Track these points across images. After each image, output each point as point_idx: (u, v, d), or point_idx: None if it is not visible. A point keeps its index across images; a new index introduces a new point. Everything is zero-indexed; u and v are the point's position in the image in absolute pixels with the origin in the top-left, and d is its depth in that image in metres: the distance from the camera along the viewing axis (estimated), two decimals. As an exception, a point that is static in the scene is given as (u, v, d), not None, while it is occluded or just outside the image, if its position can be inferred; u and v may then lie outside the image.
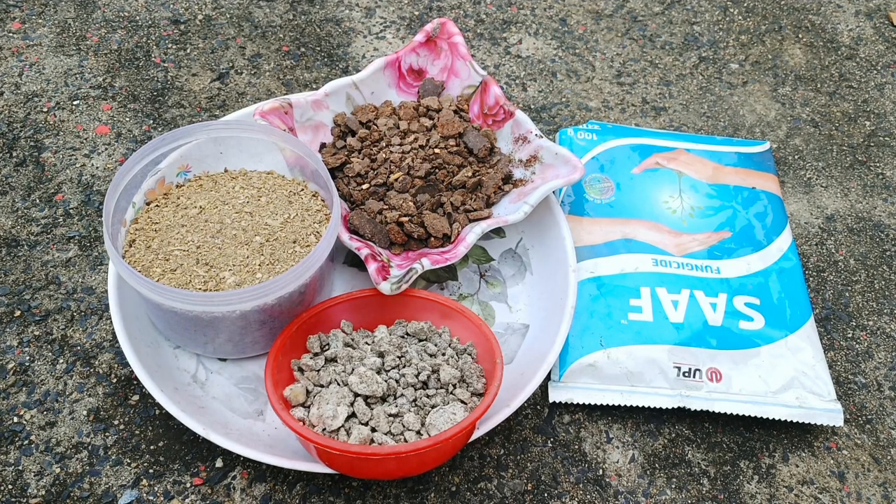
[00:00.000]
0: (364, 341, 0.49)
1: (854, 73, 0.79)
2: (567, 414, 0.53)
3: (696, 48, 0.80)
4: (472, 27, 0.79)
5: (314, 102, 0.58)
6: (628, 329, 0.54)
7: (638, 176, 0.63)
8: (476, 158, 0.58)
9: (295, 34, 0.76)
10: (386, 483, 0.49)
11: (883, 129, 0.74)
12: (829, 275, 0.63)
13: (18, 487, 0.47)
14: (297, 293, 0.48)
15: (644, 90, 0.75)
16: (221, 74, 0.71)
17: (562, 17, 0.81)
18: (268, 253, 0.50)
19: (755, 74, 0.78)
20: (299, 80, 0.72)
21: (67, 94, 0.68)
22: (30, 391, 0.51)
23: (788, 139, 0.72)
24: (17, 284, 0.56)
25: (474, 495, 0.49)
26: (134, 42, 0.73)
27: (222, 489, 0.48)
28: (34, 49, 0.71)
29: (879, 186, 0.69)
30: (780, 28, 0.83)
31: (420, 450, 0.41)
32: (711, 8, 0.84)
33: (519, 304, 0.57)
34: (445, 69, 0.62)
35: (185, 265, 0.49)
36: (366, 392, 0.44)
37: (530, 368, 0.50)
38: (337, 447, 0.41)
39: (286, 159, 0.55)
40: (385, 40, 0.76)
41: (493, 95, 0.60)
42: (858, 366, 0.57)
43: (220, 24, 0.76)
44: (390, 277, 0.49)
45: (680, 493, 0.50)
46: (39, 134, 0.65)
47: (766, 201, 0.63)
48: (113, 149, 0.65)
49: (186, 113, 0.68)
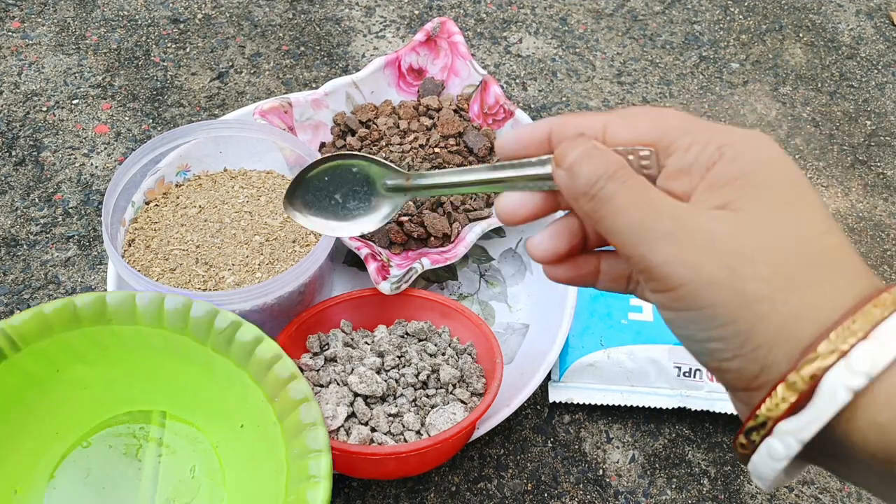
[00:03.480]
0: (364, 341, 0.49)
1: (855, 73, 0.79)
2: (567, 414, 0.53)
3: (697, 47, 0.79)
4: (473, 26, 0.79)
5: (314, 101, 0.58)
6: (628, 329, 0.53)
7: (638, 175, 0.63)
8: (476, 158, 0.58)
9: (295, 33, 0.76)
10: (386, 483, 0.48)
11: (883, 128, 0.74)
12: (829, 274, 0.62)
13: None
14: (297, 293, 0.48)
15: (644, 89, 0.75)
16: (221, 73, 0.71)
17: (562, 17, 0.81)
18: (267, 252, 0.50)
19: (756, 74, 0.78)
20: (299, 79, 0.72)
21: (67, 93, 0.68)
22: (29, 391, 0.51)
23: (789, 139, 0.72)
24: (16, 284, 0.56)
25: (474, 495, 0.48)
26: (133, 41, 0.73)
27: (222, 489, 0.48)
28: (33, 48, 0.71)
29: (880, 186, 0.69)
30: (780, 27, 0.83)
31: (420, 450, 0.41)
32: (712, 7, 0.84)
33: (519, 303, 0.57)
34: (445, 68, 0.62)
35: (185, 265, 0.49)
36: (365, 392, 0.44)
37: (530, 368, 0.50)
38: (336, 447, 0.41)
39: (286, 158, 0.55)
40: (385, 39, 0.76)
41: (493, 95, 0.60)
42: (859, 366, 0.57)
43: (220, 24, 0.76)
44: (390, 277, 0.49)
45: (680, 493, 0.50)
46: (39, 133, 0.65)
47: (767, 201, 0.63)
48: (112, 148, 0.65)
49: (186, 112, 0.68)
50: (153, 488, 0.43)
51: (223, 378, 0.43)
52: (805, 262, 0.23)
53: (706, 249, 0.24)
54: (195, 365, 0.43)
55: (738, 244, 0.24)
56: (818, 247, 0.24)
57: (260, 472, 0.41)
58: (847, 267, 0.23)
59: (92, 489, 0.43)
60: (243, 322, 0.42)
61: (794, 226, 0.24)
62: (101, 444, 0.44)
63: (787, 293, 0.23)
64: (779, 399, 0.23)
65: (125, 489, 0.43)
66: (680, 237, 0.24)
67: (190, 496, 0.43)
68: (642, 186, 0.26)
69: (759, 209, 0.24)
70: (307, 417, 0.40)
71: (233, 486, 0.43)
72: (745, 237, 0.24)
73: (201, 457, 0.44)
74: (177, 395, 0.45)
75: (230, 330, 0.42)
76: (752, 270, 0.23)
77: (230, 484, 0.43)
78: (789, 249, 0.24)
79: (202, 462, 0.44)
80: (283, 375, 0.41)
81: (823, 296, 0.23)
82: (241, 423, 0.43)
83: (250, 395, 0.42)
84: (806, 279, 0.23)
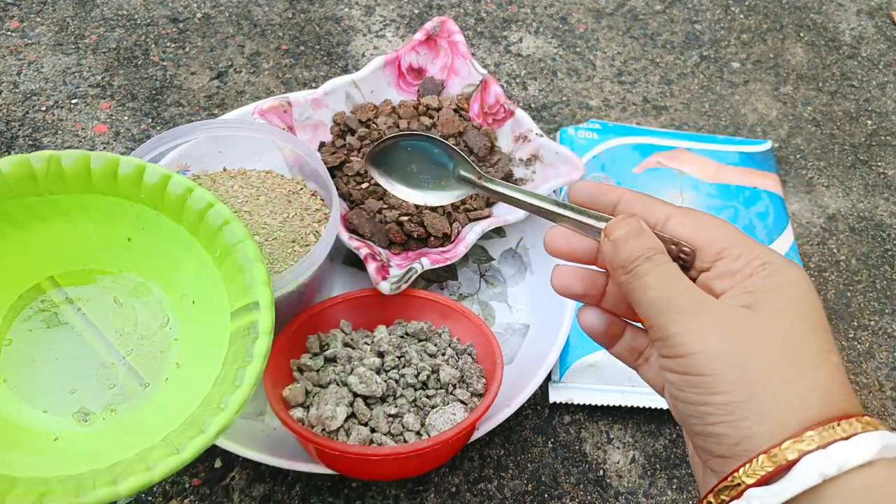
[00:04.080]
0: (363, 341, 0.49)
1: (856, 73, 0.79)
2: (567, 414, 0.53)
3: (698, 47, 0.79)
4: (473, 25, 0.79)
5: (313, 101, 0.58)
6: (629, 329, 0.53)
7: (639, 175, 0.63)
8: (476, 157, 0.57)
9: (294, 32, 0.76)
10: (385, 484, 0.48)
11: (884, 128, 0.74)
12: (830, 275, 0.62)
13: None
14: (297, 293, 0.48)
15: (645, 89, 0.75)
16: (220, 73, 0.71)
17: (562, 16, 0.81)
18: (266, 252, 0.50)
19: (756, 73, 0.77)
20: (298, 78, 0.72)
21: (66, 92, 0.68)
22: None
23: (790, 138, 0.72)
24: (14, 284, 0.56)
25: (474, 496, 0.48)
26: (132, 40, 0.73)
27: (221, 490, 0.48)
28: (32, 47, 0.71)
29: (881, 186, 0.69)
30: (781, 27, 0.83)
31: (420, 450, 0.41)
32: (713, 6, 0.84)
33: (519, 304, 0.56)
34: (445, 68, 0.62)
35: (184, 265, 0.49)
36: (365, 392, 0.44)
37: (530, 368, 0.50)
38: (336, 448, 0.41)
39: (285, 158, 0.55)
40: (385, 39, 0.76)
41: (493, 94, 0.60)
42: (860, 366, 0.57)
43: (219, 23, 0.75)
44: (390, 277, 0.49)
45: (681, 493, 0.49)
46: (38, 133, 0.65)
47: (768, 201, 0.63)
48: (111, 148, 0.64)
49: (185, 112, 0.68)
50: (100, 335, 0.42)
51: (153, 227, 0.43)
52: (806, 367, 0.28)
53: (720, 330, 0.28)
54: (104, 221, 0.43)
55: (750, 334, 0.28)
56: (820, 360, 0.28)
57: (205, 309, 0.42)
58: (839, 385, 0.28)
59: (50, 368, 0.41)
60: None
61: (804, 335, 0.28)
62: (21, 334, 0.42)
63: (782, 384, 0.27)
64: (758, 466, 0.26)
65: (78, 350, 0.42)
66: (699, 316, 0.29)
67: (140, 334, 0.43)
68: (674, 271, 0.30)
69: (778, 315, 0.29)
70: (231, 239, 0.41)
71: (181, 317, 0.43)
72: (758, 330, 0.28)
73: (138, 300, 0.44)
74: (67, 255, 0.44)
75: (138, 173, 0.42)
76: (756, 356, 0.27)
77: (178, 314, 0.43)
78: (795, 352, 0.28)
79: (143, 306, 0.43)
80: (199, 206, 0.42)
81: (814, 398, 0.27)
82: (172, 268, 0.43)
83: (180, 237, 0.42)
84: (801, 379, 0.27)
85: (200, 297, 0.43)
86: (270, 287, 0.40)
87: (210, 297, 0.42)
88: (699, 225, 0.32)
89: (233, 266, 0.41)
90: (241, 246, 0.41)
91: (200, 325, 0.43)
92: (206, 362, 0.41)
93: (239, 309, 0.40)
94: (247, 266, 0.40)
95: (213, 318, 0.42)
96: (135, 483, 0.33)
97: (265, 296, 0.39)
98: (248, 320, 0.39)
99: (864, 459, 0.25)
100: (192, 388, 0.40)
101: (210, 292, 0.42)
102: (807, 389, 0.27)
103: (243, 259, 0.41)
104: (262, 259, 0.41)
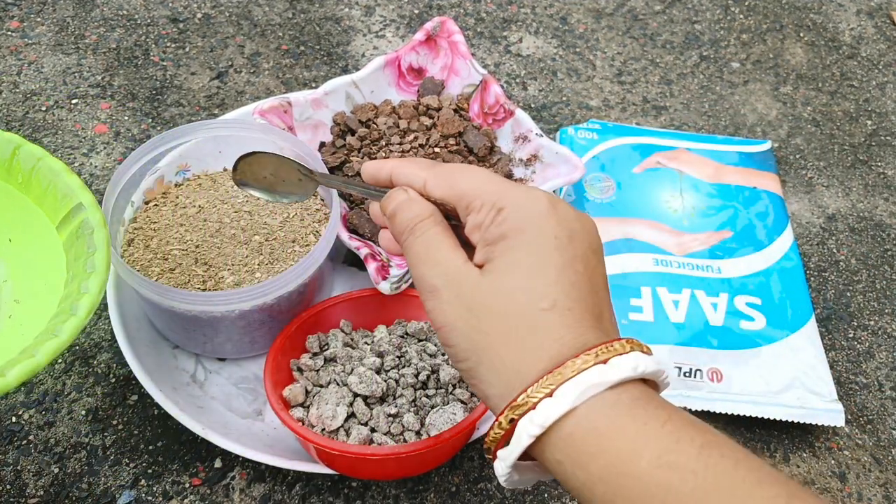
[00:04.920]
0: (363, 341, 0.49)
1: (855, 73, 0.79)
2: (567, 414, 0.53)
3: (697, 47, 0.79)
4: (473, 26, 0.79)
5: (313, 101, 0.58)
6: (629, 329, 0.53)
7: (639, 175, 0.63)
8: (476, 157, 0.58)
9: (294, 32, 0.76)
10: (385, 483, 0.48)
11: (884, 128, 0.74)
12: (830, 274, 0.62)
13: (17, 487, 0.47)
14: (297, 293, 0.48)
15: (645, 89, 0.75)
16: (220, 73, 0.71)
17: (562, 16, 0.81)
18: (267, 252, 0.50)
19: (756, 73, 0.78)
20: (298, 78, 0.72)
21: (66, 92, 0.68)
22: (28, 391, 0.51)
23: (790, 138, 0.72)
24: (15, 284, 0.56)
25: (474, 496, 0.48)
26: (133, 41, 0.73)
27: (221, 489, 0.48)
28: (33, 48, 0.71)
29: (881, 186, 0.69)
30: (781, 27, 0.83)
31: (420, 450, 0.41)
32: (712, 7, 0.84)
33: (519, 303, 0.56)
34: (445, 68, 0.62)
35: (184, 264, 0.49)
36: (365, 392, 0.44)
37: (530, 368, 0.50)
38: (336, 447, 0.41)
39: (285, 158, 0.55)
40: (385, 39, 0.76)
41: (493, 94, 0.60)
42: (860, 366, 0.57)
43: (219, 23, 0.75)
44: (390, 277, 0.49)
45: (680, 493, 0.49)
46: (38, 133, 0.65)
47: (768, 201, 0.63)
48: (111, 148, 0.64)
49: (185, 112, 0.68)
50: None
51: None
52: (521, 325, 0.29)
53: (457, 302, 0.30)
54: None
55: (475, 300, 0.30)
56: (535, 311, 0.29)
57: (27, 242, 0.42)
58: (554, 331, 0.29)
59: None
60: None
61: (521, 290, 0.29)
62: None
63: (502, 347, 0.29)
64: (494, 433, 0.29)
65: None
66: (443, 292, 0.31)
67: None
68: (432, 240, 0.32)
69: (501, 272, 0.30)
70: None
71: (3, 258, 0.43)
72: (482, 295, 0.30)
73: None
74: None
75: None
76: (478, 324, 0.30)
77: None
78: (510, 311, 0.29)
79: None
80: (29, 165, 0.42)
81: (530, 354, 0.28)
82: None
83: None
84: (518, 338, 0.29)
85: (17, 230, 0.43)
86: (89, 190, 0.40)
87: (29, 225, 0.42)
88: (448, 184, 0.33)
89: (39, 185, 0.41)
90: (40, 164, 0.41)
91: (27, 256, 0.42)
92: (47, 289, 0.41)
93: (63, 218, 0.40)
94: (55, 179, 0.41)
95: (39, 244, 0.42)
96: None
97: (86, 196, 0.40)
98: (77, 222, 0.40)
99: (561, 412, 0.27)
100: (38, 315, 0.40)
101: (26, 220, 0.42)
102: (524, 351, 0.29)
103: (49, 174, 0.41)
104: (70, 171, 0.41)
